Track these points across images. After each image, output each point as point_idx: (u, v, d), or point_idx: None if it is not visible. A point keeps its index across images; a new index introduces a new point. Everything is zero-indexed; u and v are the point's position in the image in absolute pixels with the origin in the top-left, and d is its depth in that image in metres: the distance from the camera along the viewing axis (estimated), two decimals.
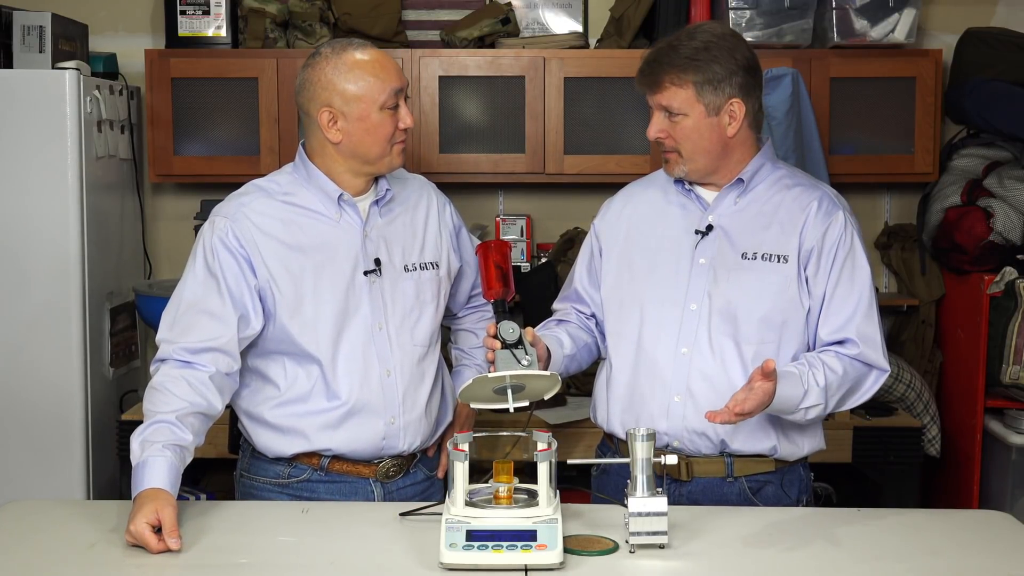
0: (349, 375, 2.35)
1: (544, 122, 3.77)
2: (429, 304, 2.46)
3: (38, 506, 2.32)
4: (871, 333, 2.33)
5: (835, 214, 2.36)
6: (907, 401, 3.71)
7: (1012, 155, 3.76)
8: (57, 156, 3.40)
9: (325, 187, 2.38)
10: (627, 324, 2.42)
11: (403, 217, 2.47)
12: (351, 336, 2.36)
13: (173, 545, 2.04)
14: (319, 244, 2.36)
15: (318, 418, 2.35)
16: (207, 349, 2.29)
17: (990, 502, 3.66)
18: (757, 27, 3.69)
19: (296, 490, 2.40)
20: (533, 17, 3.99)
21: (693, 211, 2.41)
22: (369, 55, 2.34)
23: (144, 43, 4.02)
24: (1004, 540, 2.14)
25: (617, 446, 2.46)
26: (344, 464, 2.40)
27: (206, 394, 2.27)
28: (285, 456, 2.39)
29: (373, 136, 2.34)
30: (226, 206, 2.39)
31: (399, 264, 2.42)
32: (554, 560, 1.93)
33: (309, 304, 2.34)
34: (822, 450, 2.44)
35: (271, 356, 2.38)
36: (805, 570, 1.99)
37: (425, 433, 2.45)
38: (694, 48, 2.30)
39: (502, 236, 4.02)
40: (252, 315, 2.33)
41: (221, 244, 2.33)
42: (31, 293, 3.43)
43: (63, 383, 3.44)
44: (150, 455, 2.15)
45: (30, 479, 3.42)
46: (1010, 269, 3.58)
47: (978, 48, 3.82)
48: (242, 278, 2.32)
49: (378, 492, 2.42)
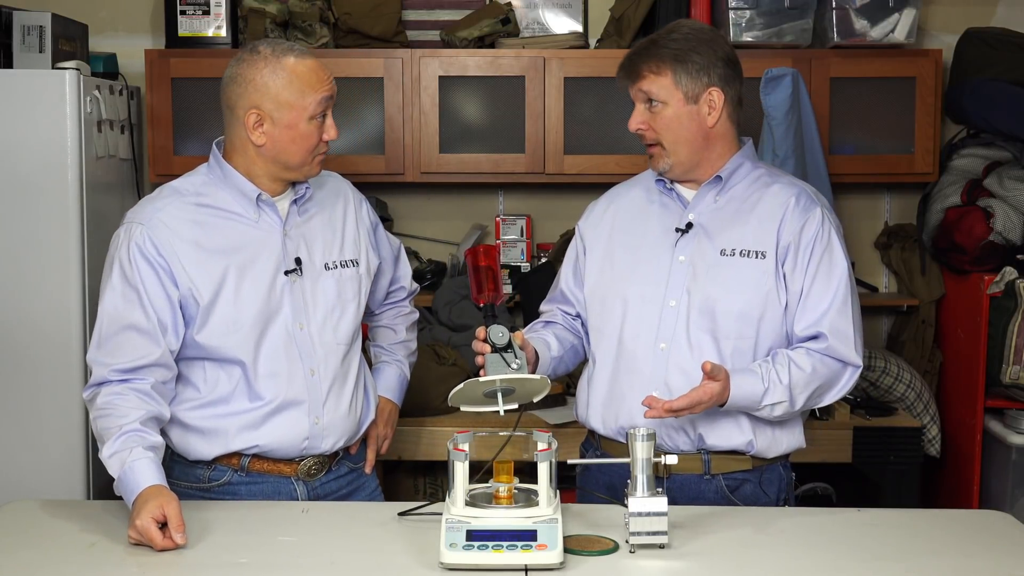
0: (272, 376, 2.33)
1: (544, 122, 3.77)
2: (351, 302, 2.43)
3: (38, 506, 2.32)
4: (843, 328, 2.34)
5: (812, 210, 2.38)
6: (907, 401, 3.71)
7: (1012, 155, 3.76)
8: (57, 156, 3.40)
9: (242, 188, 2.34)
10: (608, 321, 2.44)
11: (321, 215, 2.44)
12: (273, 337, 2.33)
13: (180, 540, 2.03)
14: (239, 246, 2.33)
15: (240, 418, 2.32)
16: (142, 367, 2.26)
17: (990, 502, 3.66)
18: (757, 27, 3.69)
19: (217, 494, 2.36)
20: (533, 17, 3.99)
21: (674, 209, 2.44)
22: (307, 63, 2.31)
23: (144, 43, 4.02)
24: (1004, 540, 2.14)
25: (599, 442, 2.47)
26: (265, 463, 2.37)
27: (153, 401, 2.25)
28: (205, 459, 2.35)
29: (298, 145, 2.31)
30: (141, 211, 2.33)
31: (319, 263, 2.40)
32: (554, 560, 1.93)
33: (230, 308, 2.30)
34: (801, 448, 2.46)
35: (190, 361, 2.34)
36: (805, 570, 1.99)
37: (348, 432, 2.43)
38: (673, 39, 2.35)
39: (502, 236, 4.03)
40: (171, 331, 2.29)
41: (139, 253, 2.27)
42: (31, 293, 3.43)
43: (63, 383, 3.44)
44: (132, 460, 2.13)
45: (30, 479, 3.42)
46: (1010, 269, 3.58)
47: (978, 48, 3.82)
48: (162, 291, 2.28)
49: (301, 490, 2.40)
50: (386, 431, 2.62)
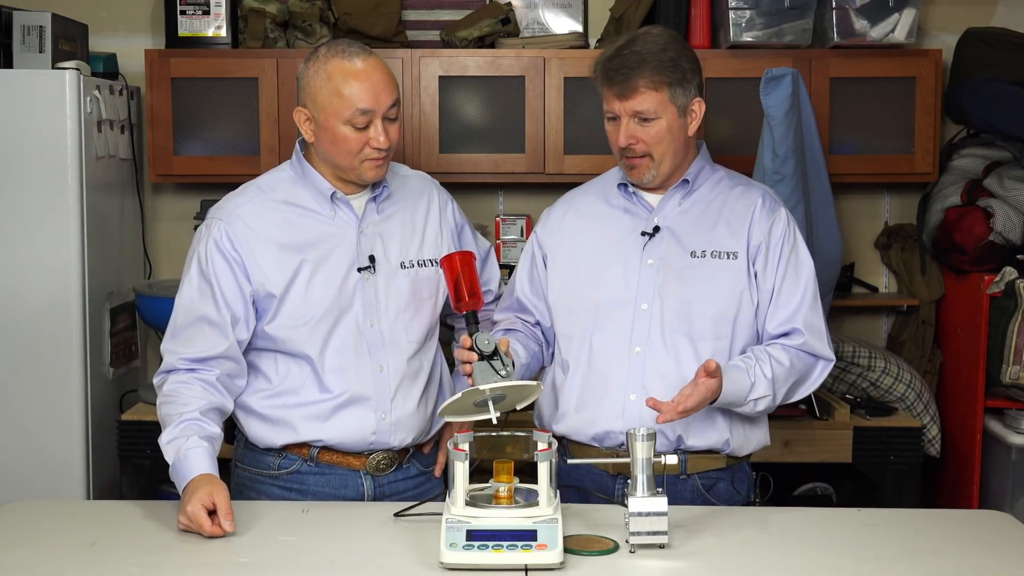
0: (340, 370, 2.36)
1: (544, 122, 3.77)
2: (426, 301, 2.45)
3: (38, 506, 2.33)
4: (816, 323, 2.39)
5: (777, 211, 2.43)
6: (907, 401, 3.71)
7: (1012, 155, 3.76)
8: (57, 156, 3.40)
9: (319, 185, 2.38)
10: (577, 327, 2.44)
11: (402, 214, 2.46)
12: (341, 333, 2.36)
13: (228, 527, 2.08)
14: (314, 241, 2.37)
15: (307, 409, 2.36)
16: (210, 358, 2.33)
17: (990, 502, 3.66)
18: (757, 27, 3.69)
19: (287, 482, 2.41)
20: (533, 17, 3.99)
21: (637, 213, 2.45)
22: (353, 69, 2.28)
23: (144, 43, 4.02)
24: (1004, 540, 2.14)
25: (567, 447, 2.46)
26: (334, 455, 2.40)
27: (217, 393, 2.31)
28: (275, 447, 2.39)
29: (337, 148, 2.32)
30: (222, 208, 2.40)
31: (395, 261, 2.41)
32: (554, 560, 1.94)
33: (299, 302, 2.34)
34: (767, 446, 2.49)
35: (262, 352, 2.39)
36: (805, 570, 1.99)
37: (418, 429, 2.44)
38: (658, 50, 2.33)
39: (502, 236, 4.02)
40: (243, 324, 2.34)
41: (216, 247, 2.34)
42: (31, 293, 3.43)
43: (63, 383, 3.44)
44: (188, 447, 2.19)
45: (30, 479, 3.42)
46: (1010, 269, 3.58)
47: (978, 48, 3.82)
48: (236, 285, 2.33)
49: (368, 485, 2.42)
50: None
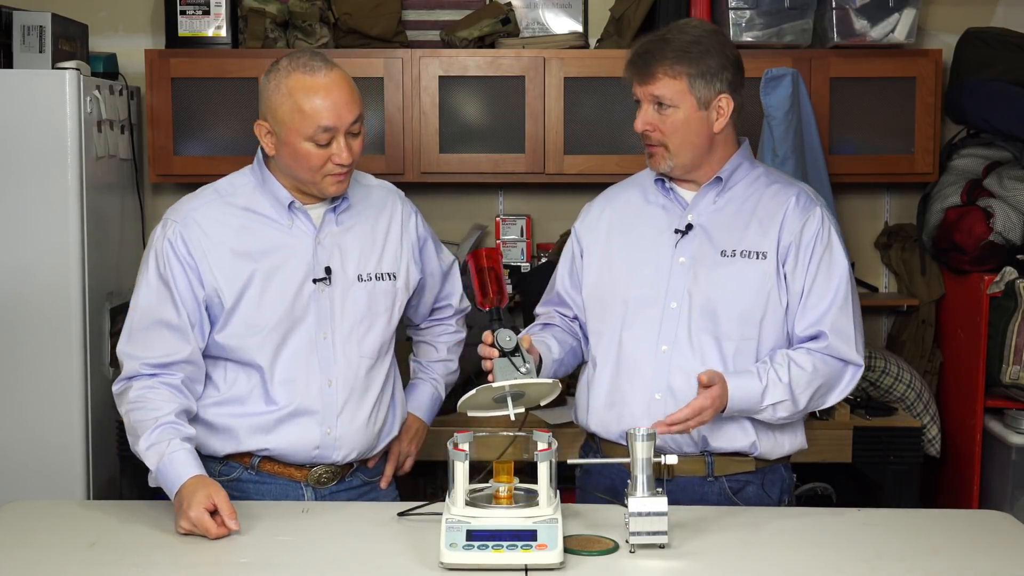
0: (289, 383, 2.33)
1: (544, 122, 3.77)
2: (381, 315, 2.41)
3: (38, 506, 2.33)
4: (844, 327, 2.33)
5: (812, 210, 2.38)
6: (907, 401, 3.71)
7: (1012, 155, 3.76)
8: (57, 156, 3.39)
9: (277, 193, 2.35)
10: (608, 323, 2.43)
11: (362, 226, 2.42)
12: (294, 344, 2.33)
13: (233, 526, 2.07)
14: (269, 250, 2.33)
15: (252, 420, 2.33)
16: (173, 363, 2.29)
17: (990, 502, 3.65)
18: (757, 27, 3.69)
19: (226, 489, 2.34)
20: (533, 17, 3.99)
21: (673, 210, 2.43)
22: (315, 84, 2.24)
23: (144, 43, 4.02)
24: (1004, 540, 2.14)
25: (599, 445, 2.46)
26: (275, 465, 2.37)
27: (184, 396, 2.28)
28: (217, 455, 2.36)
29: (299, 164, 2.29)
30: (178, 210, 2.36)
31: (352, 273, 2.38)
32: (554, 560, 1.93)
33: (252, 311, 2.31)
34: (803, 449, 2.45)
35: (213, 360, 2.36)
36: (805, 570, 1.99)
37: (363, 446, 2.41)
38: (687, 41, 2.31)
39: (502, 236, 4.02)
40: (198, 329, 2.31)
41: (171, 249, 2.30)
42: (31, 293, 3.43)
43: (63, 383, 3.44)
44: (171, 451, 2.17)
45: (30, 479, 3.42)
46: (1010, 269, 3.58)
47: (978, 48, 3.82)
48: (190, 290, 2.30)
49: (309, 496, 2.40)
50: (410, 448, 2.59)
